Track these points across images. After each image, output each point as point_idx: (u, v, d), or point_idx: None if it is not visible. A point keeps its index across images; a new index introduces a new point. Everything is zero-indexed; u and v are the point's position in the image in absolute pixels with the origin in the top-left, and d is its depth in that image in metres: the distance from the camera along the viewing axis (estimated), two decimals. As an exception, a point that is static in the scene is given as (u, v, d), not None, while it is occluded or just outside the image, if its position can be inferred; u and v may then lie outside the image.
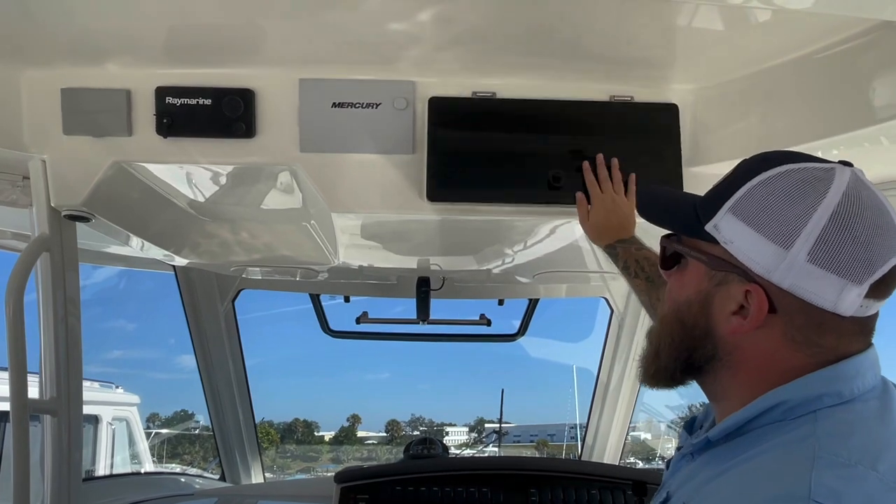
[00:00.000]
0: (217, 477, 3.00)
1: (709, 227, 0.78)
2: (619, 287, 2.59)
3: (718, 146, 1.59)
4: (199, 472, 3.45)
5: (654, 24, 1.36)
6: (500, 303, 2.68)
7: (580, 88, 1.57)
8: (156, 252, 2.06)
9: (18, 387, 1.55)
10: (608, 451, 2.87)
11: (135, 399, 5.81)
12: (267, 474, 3.02)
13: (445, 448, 2.40)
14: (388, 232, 1.84)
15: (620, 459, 2.87)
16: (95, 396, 5.36)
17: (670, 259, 0.85)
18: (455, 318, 2.70)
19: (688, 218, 0.82)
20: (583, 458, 3.02)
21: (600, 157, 1.55)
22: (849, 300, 0.71)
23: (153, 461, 5.74)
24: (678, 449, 0.91)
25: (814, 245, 0.70)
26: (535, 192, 1.60)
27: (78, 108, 1.54)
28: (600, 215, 1.51)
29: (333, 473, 2.07)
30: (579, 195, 1.53)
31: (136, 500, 2.12)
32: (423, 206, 1.59)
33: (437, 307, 2.45)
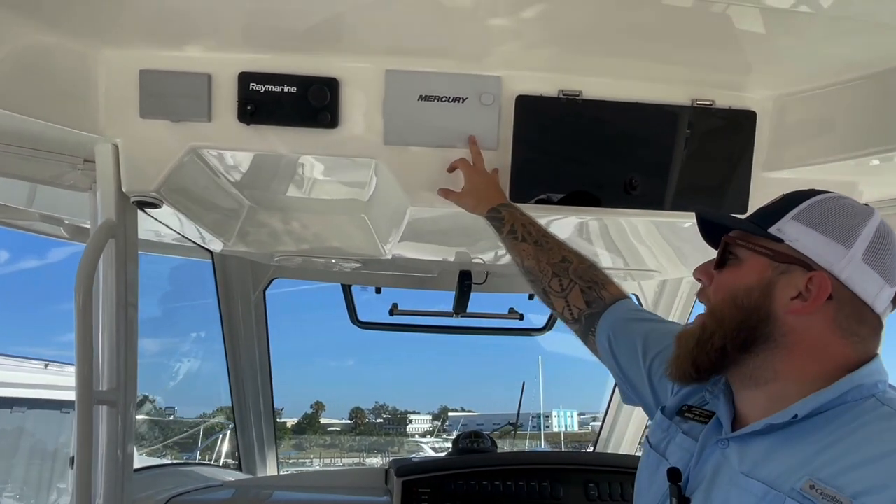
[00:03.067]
0: (234, 467, 2.95)
1: (772, 230, 0.93)
2: (649, 285, 2.63)
3: (791, 154, 1.63)
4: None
5: (740, 31, 1.38)
6: (531, 297, 2.69)
7: (663, 91, 1.58)
8: (206, 239, 2.00)
9: (85, 377, 1.50)
10: (625, 443, 2.93)
11: (119, 385, 5.66)
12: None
13: (493, 442, 2.41)
14: (458, 227, 1.83)
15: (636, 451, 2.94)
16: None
17: (725, 257, 0.98)
18: (482, 311, 2.70)
19: (745, 224, 0.98)
20: (597, 451, 3.07)
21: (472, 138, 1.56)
22: (883, 298, 0.89)
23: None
24: (683, 438, 1.00)
25: (867, 248, 0.88)
26: (611, 195, 1.61)
27: (156, 91, 1.48)
28: (480, 181, 1.52)
29: (385, 464, 2.05)
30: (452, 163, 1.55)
31: (180, 492, 2.08)
32: None
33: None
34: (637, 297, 2.70)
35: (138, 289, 1.70)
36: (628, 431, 2.90)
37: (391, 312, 2.60)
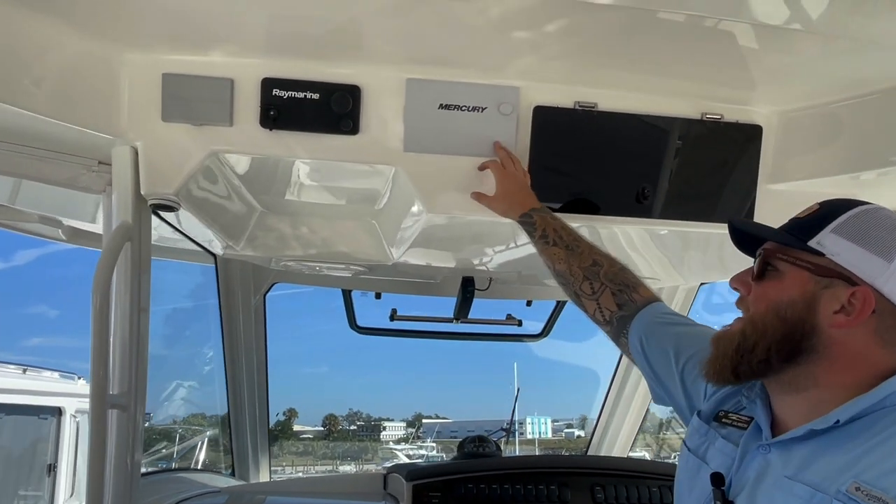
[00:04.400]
0: (227, 474, 2.92)
1: (812, 244, 0.94)
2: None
3: (794, 167, 1.69)
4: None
5: (746, 50, 1.43)
6: (529, 303, 2.73)
7: (675, 105, 1.63)
8: (212, 243, 1.99)
9: (99, 381, 1.48)
10: (617, 447, 2.98)
11: (98, 391, 5.53)
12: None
13: (498, 446, 2.43)
14: (469, 235, 1.85)
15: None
16: (56, 387, 5.09)
17: (764, 269, 0.99)
18: (479, 317, 2.72)
19: (784, 237, 0.98)
20: (589, 453, 3.11)
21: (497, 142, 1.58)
22: None
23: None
24: (725, 443, 1.02)
25: None
26: (624, 204, 1.65)
27: (179, 95, 1.48)
28: (513, 185, 1.54)
29: (383, 469, 2.06)
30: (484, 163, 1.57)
31: (183, 498, 2.05)
32: None
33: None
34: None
35: (150, 293, 1.69)
36: (621, 434, 2.95)
37: (391, 318, 2.61)
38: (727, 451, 1.01)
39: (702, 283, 2.55)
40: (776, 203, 1.72)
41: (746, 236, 1.06)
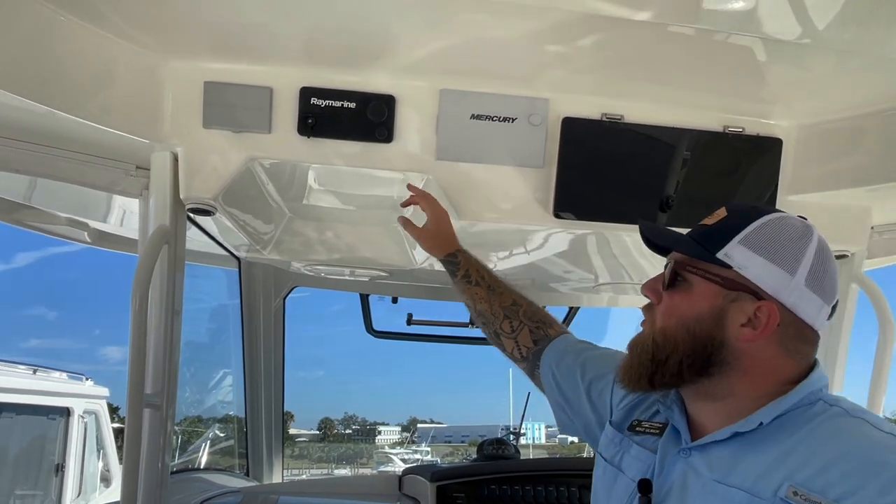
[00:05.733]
0: (241, 474, 2.94)
1: (720, 255, 0.95)
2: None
3: (814, 179, 1.73)
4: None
5: (766, 65, 1.47)
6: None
7: (698, 117, 1.67)
8: (239, 247, 2.02)
9: (137, 382, 1.51)
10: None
11: (104, 392, 5.56)
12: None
13: (517, 448, 2.46)
14: (495, 242, 1.89)
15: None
16: (65, 388, 5.10)
17: (674, 279, 1.00)
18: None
19: (692, 247, 0.99)
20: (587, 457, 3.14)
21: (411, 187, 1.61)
22: (822, 317, 0.95)
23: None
24: (638, 449, 1.04)
25: (808, 272, 0.93)
26: (648, 212, 1.69)
27: (219, 103, 1.51)
28: (445, 224, 1.58)
29: (399, 471, 2.08)
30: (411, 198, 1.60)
31: (207, 497, 2.07)
32: (547, 220, 1.65)
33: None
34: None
35: (183, 296, 1.72)
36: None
37: (408, 322, 2.64)
38: (643, 457, 1.03)
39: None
40: (796, 214, 1.76)
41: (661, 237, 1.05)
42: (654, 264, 2.12)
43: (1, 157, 1.52)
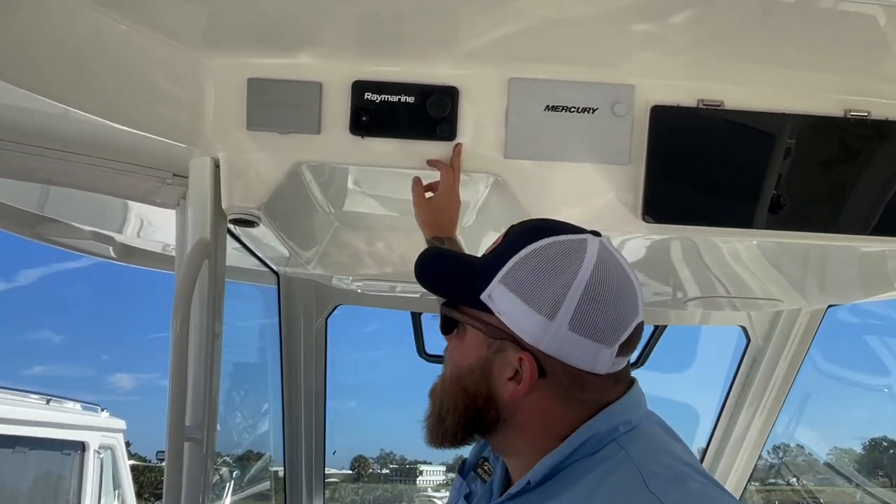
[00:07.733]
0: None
1: (483, 297, 0.93)
2: (760, 317, 2.67)
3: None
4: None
5: None
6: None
7: (813, 101, 1.64)
8: (279, 261, 2.07)
9: (177, 414, 1.56)
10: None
11: (121, 424, 5.73)
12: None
13: None
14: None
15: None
16: (79, 420, 5.28)
17: (449, 324, 1.00)
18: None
19: (464, 287, 0.97)
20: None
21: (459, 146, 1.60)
22: (603, 360, 0.91)
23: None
24: (465, 497, 1.11)
25: (572, 315, 0.88)
26: (756, 215, 1.66)
27: (264, 101, 1.56)
28: (449, 205, 1.60)
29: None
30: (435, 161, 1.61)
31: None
32: (636, 225, 1.64)
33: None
34: (745, 328, 2.73)
35: (223, 317, 1.77)
36: (728, 483, 2.92)
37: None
38: None
39: (830, 305, 2.52)
40: None
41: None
42: (763, 275, 2.09)
43: (31, 167, 1.60)
